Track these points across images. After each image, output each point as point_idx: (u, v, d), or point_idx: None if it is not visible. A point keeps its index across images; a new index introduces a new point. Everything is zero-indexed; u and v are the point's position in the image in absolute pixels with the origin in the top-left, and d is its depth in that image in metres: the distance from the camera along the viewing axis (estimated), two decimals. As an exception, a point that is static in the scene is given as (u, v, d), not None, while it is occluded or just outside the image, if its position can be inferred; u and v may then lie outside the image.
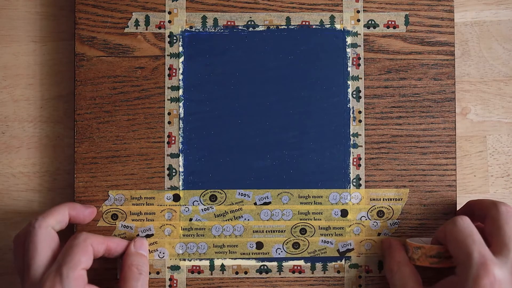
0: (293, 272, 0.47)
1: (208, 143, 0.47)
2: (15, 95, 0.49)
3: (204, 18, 0.48)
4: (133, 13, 0.47)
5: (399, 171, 0.47)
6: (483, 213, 0.43)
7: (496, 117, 0.50)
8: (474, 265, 0.39)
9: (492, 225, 0.41)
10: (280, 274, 0.47)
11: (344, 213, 0.47)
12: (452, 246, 0.41)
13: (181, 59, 0.48)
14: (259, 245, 0.47)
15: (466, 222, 0.41)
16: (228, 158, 0.47)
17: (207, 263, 0.47)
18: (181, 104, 0.47)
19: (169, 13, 0.48)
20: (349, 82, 0.48)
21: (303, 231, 0.47)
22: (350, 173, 0.47)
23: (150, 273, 0.47)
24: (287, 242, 0.47)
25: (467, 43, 0.50)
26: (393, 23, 0.48)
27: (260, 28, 0.48)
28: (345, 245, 0.47)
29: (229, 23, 0.48)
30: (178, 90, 0.47)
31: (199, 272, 0.47)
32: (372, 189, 0.47)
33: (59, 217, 0.43)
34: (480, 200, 0.45)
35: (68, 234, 0.48)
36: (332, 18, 0.48)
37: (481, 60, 0.50)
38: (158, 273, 0.47)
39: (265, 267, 0.47)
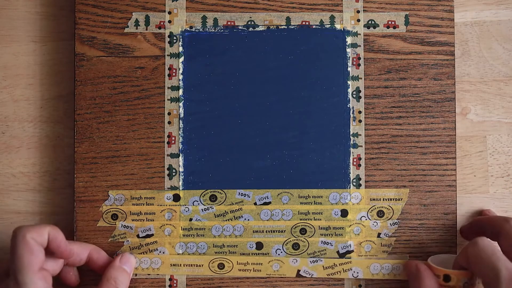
0: (293, 272, 0.47)
1: (208, 143, 0.47)
2: (15, 95, 0.49)
3: (204, 18, 0.48)
4: (133, 13, 0.47)
5: (399, 171, 0.47)
6: (495, 230, 0.43)
7: (496, 117, 0.50)
8: (503, 281, 0.39)
9: (509, 241, 0.42)
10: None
11: (344, 213, 0.47)
12: (477, 267, 0.41)
13: (181, 59, 0.48)
14: (259, 246, 0.47)
15: (486, 241, 0.41)
16: (228, 158, 0.47)
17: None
18: (181, 104, 0.47)
19: (169, 13, 0.48)
20: (349, 82, 0.48)
21: (303, 231, 0.47)
22: (350, 173, 0.47)
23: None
24: (287, 243, 0.47)
25: (467, 43, 0.50)
26: (393, 23, 0.48)
27: (260, 28, 0.48)
28: (345, 247, 0.47)
29: (229, 23, 0.48)
30: (178, 90, 0.47)
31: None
32: (372, 189, 0.47)
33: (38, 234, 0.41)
34: (489, 217, 0.45)
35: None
36: (332, 18, 0.48)
37: (481, 60, 0.50)
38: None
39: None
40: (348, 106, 0.48)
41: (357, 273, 0.47)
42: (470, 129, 0.50)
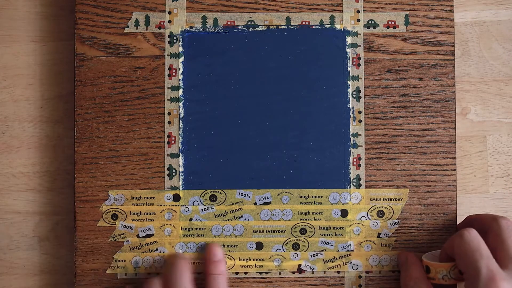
0: (293, 272, 0.47)
1: (208, 143, 0.47)
2: (15, 95, 0.49)
3: (204, 18, 0.48)
4: (133, 13, 0.47)
5: (399, 171, 0.47)
6: (484, 228, 0.43)
7: (496, 117, 0.50)
8: (482, 280, 0.39)
9: (495, 240, 0.41)
10: (280, 274, 0.47)
11: (344, 213, 0.47)
12: (460, 260, 0.41)
13: (181, 59, 0.48)
14: (259, 246, 0.47)
15: (473, 235, 0.41)
16: (228, 158, 0.47)
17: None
18: (181, 104, 0.47)
19: (169, 13, 0.48)
20: (349, 82, 0.48)
21: (303, 231, 0.47)
22: (350, 173, 0.47)
23: (150, 274, 0.47)
24: (287, 243, 0.47)
25: (467, 43, 0.50)
26: (393, 23, 0.48)
27: (260, 28, 0.48)
28: (345, 247, 0.47)
29: (229, 23, 0.48)
30: (178, 90, 0.47)
31: (199, 272, 0.47)
32: (372, 189, 0.47)
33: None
34: (479, 215, 0.45)
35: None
36: (332, 18, 0.48)
37: (481, 60, 0.50)
38: (158, 273, 0.47)
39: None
40: (348, 106, 0.48)
41: (357, 265, 0.47)
42: (470, 129, 0.50)
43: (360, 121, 0.48)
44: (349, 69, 0.48)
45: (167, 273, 0.44)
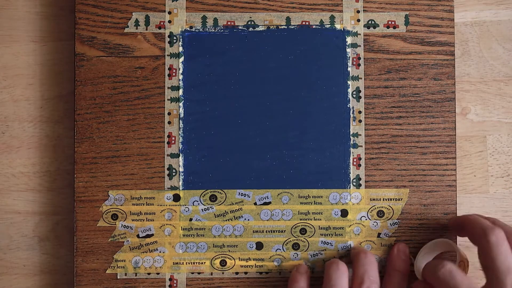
0: (293, 272, 0.47)
1: (208, 143, 0.47)
2: (15, 95, 0.49)
3: (204, 18, 0.48)
4: (133, 13, 0.47)
5: (399, 171, 0.47)
6: (475, 239, 0.42)
7: (496, 117, 0.50)
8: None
9: (485, 258, 0.41)
10: (280, 274, 0.47)
11: (344, 213, 0.47)
12: None
13: (181, 59, 0.48)
14: (259, 246, 0.47)
15: (447, 269, 0.41)
16: (228, 158, 0.47)
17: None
18: (181, 104, 0.47)
19: (169, 13, 0.48)
20: (349, 82, 0.48)
21: (303, 231, 0.47)
22: (350, 173, 0.47)
23: (150, 274, 0.47)
24: (287, 243, 0.47)
25: (467, 43, 0.50)
26: (393, 23, 0.48)
27: (260, 28, 0.48)
28: (345, 247, 0.47)
29: (229, 23, 0.48)
30: (178, 90, 0.47)
31: (199, 272, 0.47)
32: (372, 189, 0.47)
33: None
34: (471, 223, 0.43)
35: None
36: (332, 18, 0.48)
37: (481, 60, 0.50)
38: (158, 273, 0.47)
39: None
40: (348, 106, 0.48)
41: None
42: (470, 129, 0.50)
43: (360, 121, 0.48)
44: (349, 69, 0.48)
45: (356, 263, 0.45)
